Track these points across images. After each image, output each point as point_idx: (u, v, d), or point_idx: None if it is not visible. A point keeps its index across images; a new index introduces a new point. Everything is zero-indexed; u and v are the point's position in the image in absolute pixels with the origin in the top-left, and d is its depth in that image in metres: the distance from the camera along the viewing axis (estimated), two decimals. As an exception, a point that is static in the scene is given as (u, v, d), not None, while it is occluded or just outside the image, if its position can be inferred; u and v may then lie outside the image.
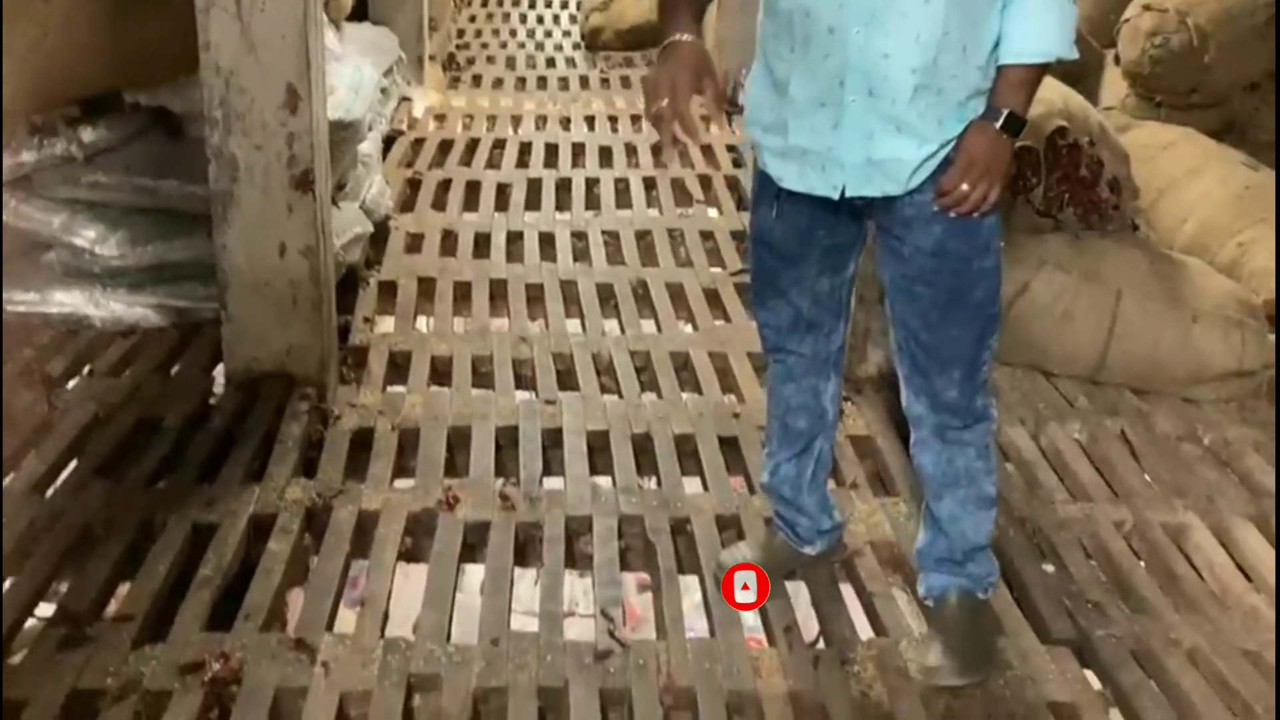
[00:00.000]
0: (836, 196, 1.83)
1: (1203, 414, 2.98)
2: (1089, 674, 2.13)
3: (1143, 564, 2.44)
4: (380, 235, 3.80)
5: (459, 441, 2.73)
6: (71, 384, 2.87)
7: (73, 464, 2.56)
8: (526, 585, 2.43)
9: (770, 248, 2.01)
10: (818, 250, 1.97)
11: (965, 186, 1.78)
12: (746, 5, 5.35)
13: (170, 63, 2.92)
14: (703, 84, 1.73)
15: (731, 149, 5.03)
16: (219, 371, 2.94)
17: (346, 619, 2.27)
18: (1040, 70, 1.80)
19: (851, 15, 1.72)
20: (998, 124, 1.79)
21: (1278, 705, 2.02)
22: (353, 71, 3.51)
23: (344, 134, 3.22)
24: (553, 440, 2.74)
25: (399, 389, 2.99)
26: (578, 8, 7.49)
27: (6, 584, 2.15)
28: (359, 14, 5.05)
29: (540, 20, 7.45)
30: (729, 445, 2.76)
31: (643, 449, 2.74)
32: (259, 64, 2.59)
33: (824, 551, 2.30)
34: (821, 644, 2.20)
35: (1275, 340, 3.03)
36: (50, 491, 2.46)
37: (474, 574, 2.41)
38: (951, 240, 1.83)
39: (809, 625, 2.27)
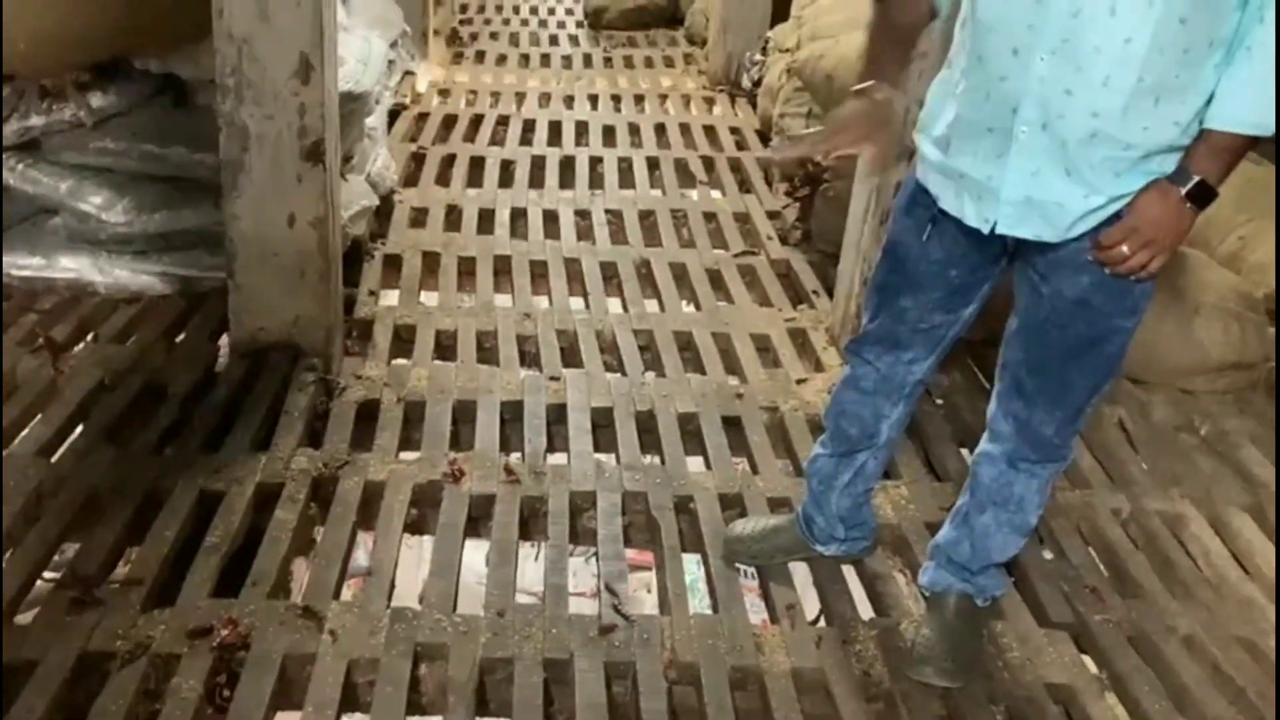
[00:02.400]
0: (986, 230, 1.72)
1: (1200, 405, 3.01)
2: (1086, 658, 2.16)
3: (1140, 551, 2.47)
4: (385, 209, 3.80)
5: (464, 415, 2.74)
6: (77, 349, 2.87)
7: (79, 429, 2.57)
8: (528, 560, 2.45)
9: (900, 263, 1.92)
10: (945, 286, 1.88)
11: (1126, 249, 1.64)
12: (751, -10, 5.38)
13: (181, 29, 2.90)
14: (873, 139, 1.76)
15: (735, 131, 5.03)
16: (225, 340, 2.95)
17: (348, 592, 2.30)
18: (1250, 142, 1.60)
19: (1040, 39, 1.57)
20: (1183, 190, 1.60)
21: (1277, 693, 2.06)
22: (361, 43, 3.49)
23: (352, 106, 3.21)
24: (557, 416, 2.76)
25: (404, 362, 3.00)
26: (582, -15, 7.47)
27: (13, 550, 2.16)
28: (364, -14, 5.03)
29: (544, -2, 7.43)
30: (732, 425, 2.78)
31: (646, 427, 2.75)
32: (272, 32, 2.58)
33: (834, 556, 2.28)
34: (823, 623, 2.23)
35: (1275, 334, 3.05)
36: (56, 456, 2.46)
37: (479, 548, 2.42)
38: (1098, 294, 1.72)
39: (810, 605, 2.29)
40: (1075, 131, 1.60)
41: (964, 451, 2.68)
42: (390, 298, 3.35)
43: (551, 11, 7.12)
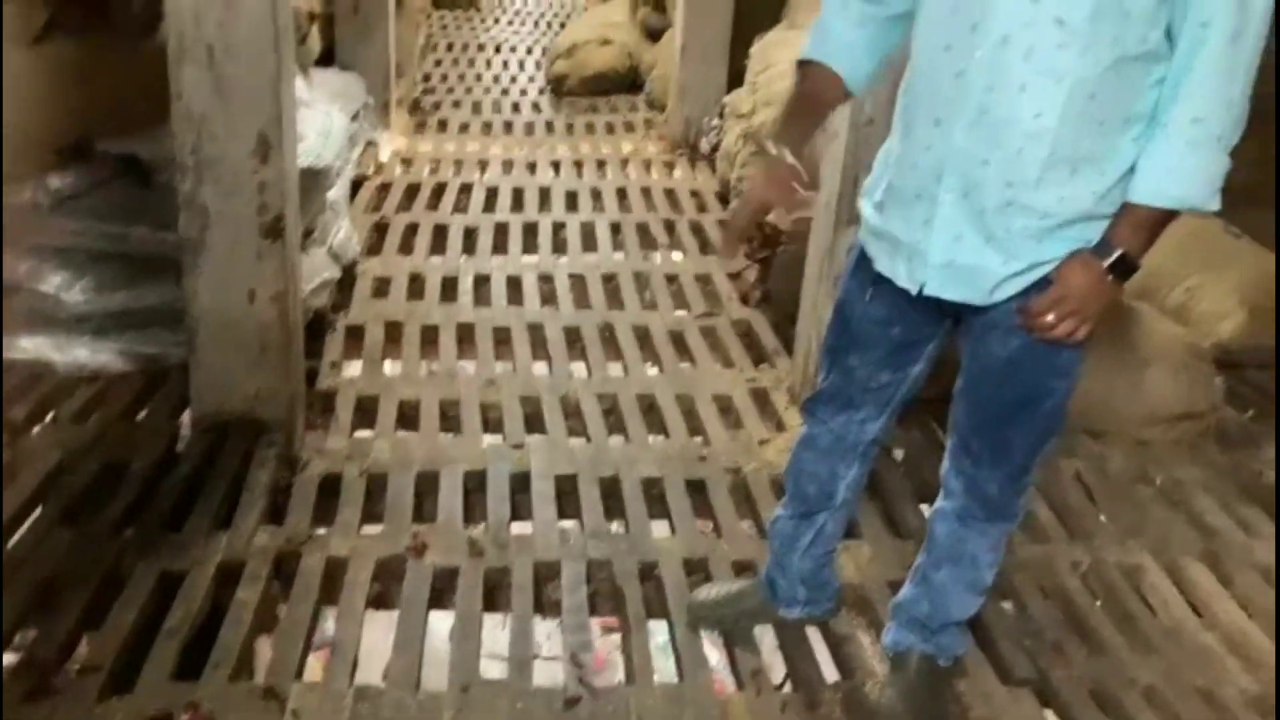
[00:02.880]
0: (915, 292, 1.78)
1: (1155, 455, 3.06)
2: (1049, 713, 2.17)
3: (1099, 604, 2.50)
4: (347, 280, 3.82)
5: (427, 486, 2.75)
6: (35, 430, 2.85)
7: (37, 512, 2.55)
8: (494, 629, 2.44)
9: (847, 322, 1.98)
10: (889, 344, 1.93)
11: (1052, 318, 1.68)
12: (707, 54, 5.50)
13: (141, 111, 2.94)
14: (772, 193, 1.85)
15: (695, 194, 5.10)
16: (186, 417, 2.94)
17: (314, 668, 2.28)
18: (1171, 215, 1.64)
19: (959, 112, 1.64)
20: (1106, 263, 1.65)
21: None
22: (322, 118, 3.54)
23: (313, 181, 3.25)
24: (521, 484, 2.77)
25: (366, 434, 3.01)
26: (543, 54, 7.58)
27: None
28: (326, 59, 5.10)
29: (505, 65, 7.53)
30: (696, 488, 2.80)
31: (610, 493, 2.77)
32: (231, 113, 2.61)
33: (798, 619, 2.30)
34: (789, 688, 2.23)
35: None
36: (14, 540, 2.44)
37: (443, 620, 2.41)
38: (1028, 356, 1.76)
39: (777, 669, 2.30)
40: (992, 200, 1.66)
41: (924, 508, 2.70)
42: (353, 369, 3.36)
43: (513, 79, 7.22)
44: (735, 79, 5.25)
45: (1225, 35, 1.54)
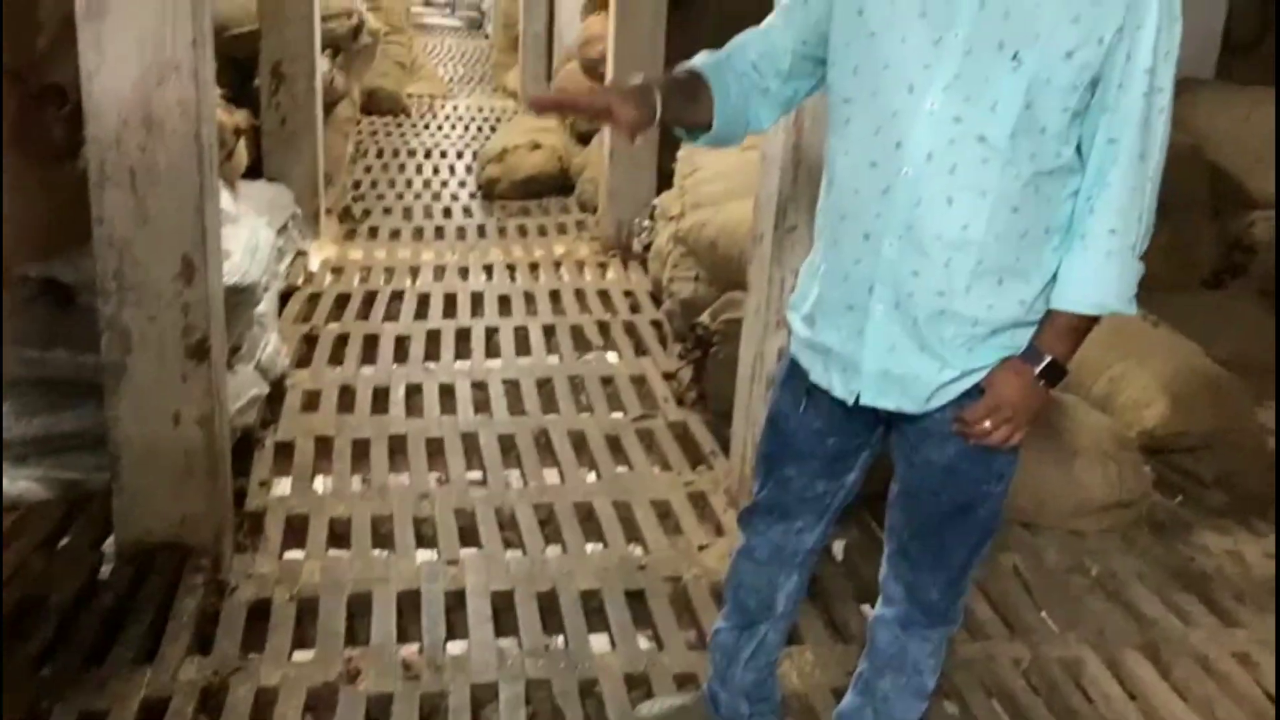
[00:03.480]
0: (851, 402, 1.80)
1: (1089, 545, 3.09)
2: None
3: (1042, 701, 2.49)
4: (277, 394, 3.77)
5: (359, 608, 2.68)
6: (-51, 565, 2.75)
7: (-52, 653, 2.44)
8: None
9: (780, 434, 1.98)
10: (825, 455, 1.94)
11: (988, 425, 1.72)
12: (635, 157, 5.59)
13: (62, 234, 2.90)
14: (619, 109, 1.64)
15: (628, 294, 5.14)
16: (109, 545, 2.85)
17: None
18: (1094, 320, 1.72)
19: (887, 226, 1.69)
20: (1036, 369, 1.71)
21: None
22: (248, 233, 3.52)
23: (240, 298, 3.22)
24: (456, 602, 2.71)
25: (297, 554, 2.94)
26: (474, 158, 7.66)
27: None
28: (254, 171, 5.09)
29: (436, 171, 7.58)
30: (635, 599, 2.76)
31: (548, 607, 2.72)
32: (153, 236, 2.59)
33: None
34: (734, 804, 2.19)
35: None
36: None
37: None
38: (964, 461, 1.79)
39: (721, 784, 2.25)
40: (924, 309, 1.70)
41: (866, 608, 2.70)
42: (282, 486, 3.29)
43: (444, 184, 7.27)
44: (665, 180, 5.34)
45: (1133, 154, 1.63)
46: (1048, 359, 1.71)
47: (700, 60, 1.82)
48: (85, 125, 2.52)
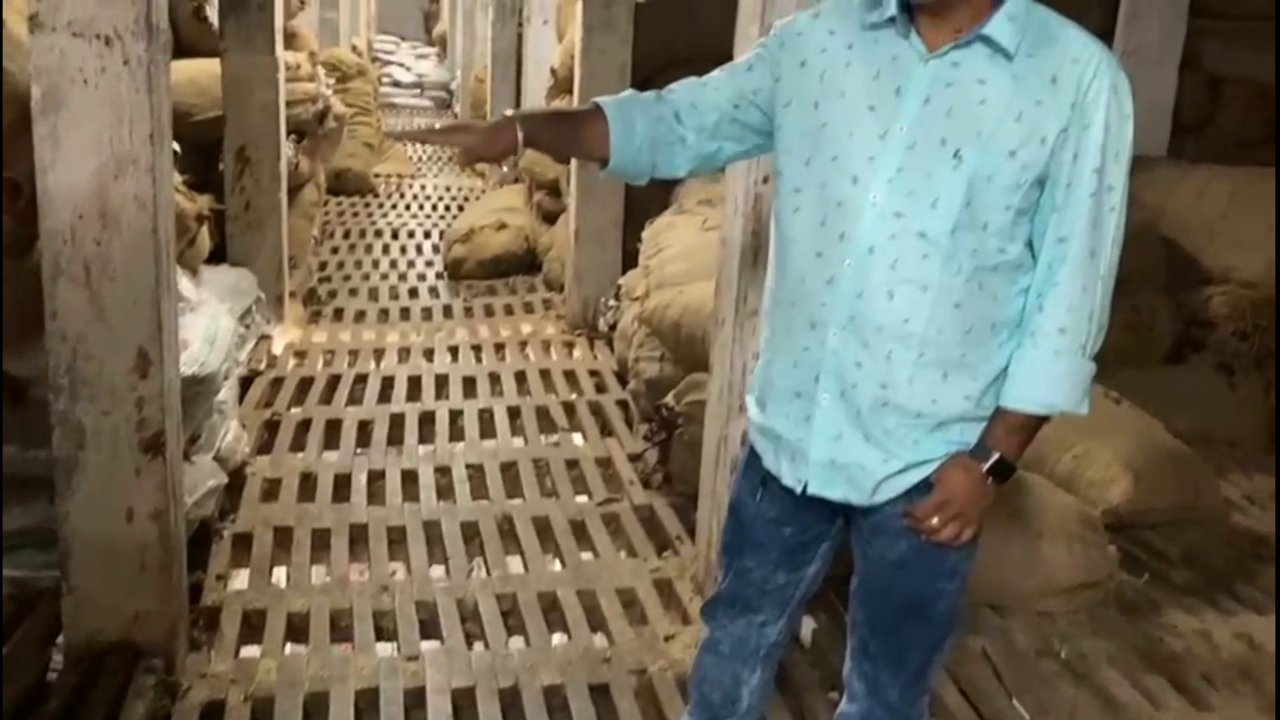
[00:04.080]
0: (799, 491, 1.79)
1: (1058, 627, 3.07)
2: None
3: (1015, 792, 2.46)
4: (236, 483, 3.71)
5: (316, 708, 2.61)
6: (-111, 670, 2.66)
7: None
8: None
9: (739, 523, 1.96)
10: (782, 545, 1.91)
11: (936, 522, 1.71)
12: (601, 238, 5.63)
13: (14, 327, 2.86)
14: (480, 147, 1.77)
15: (594, 373, 5.13)
16: (59, 645, 2.77)
17: None
18: (1043, 419, 1.70)
19: (831, 316, 1.69)
20: (984, 466, 1.69)
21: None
22: (208, 322, 3.49)
23: (198, 388, 3.18)
24: (416, 700, 2.65)
25: (253, 651, 2.86)
26: (440, 237, 7.68)
27: None
28: (218, 255, 5.07)
29: (403, 250, 7.61)
30: (600, 693, 2.71)
31: (511, 703, 2.66)
32: (108, 330, 2.55)
33: None
34: None
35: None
36: None
37: None
38: (916, 558, 1.76)
39: None
40: (867, 400, 1.70)
41: (834, 696, 2.65)
42: (240, 579, 3.22)
43: (411, 264, 7.28)
44: (630, 259, 5.37)
45: (1083, 252, 1.63)
46: (996, 456, 1.69)
47: (610, 98, 1.84)
48: (40, 219, 2.50)
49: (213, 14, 5.07)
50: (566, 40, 6.45)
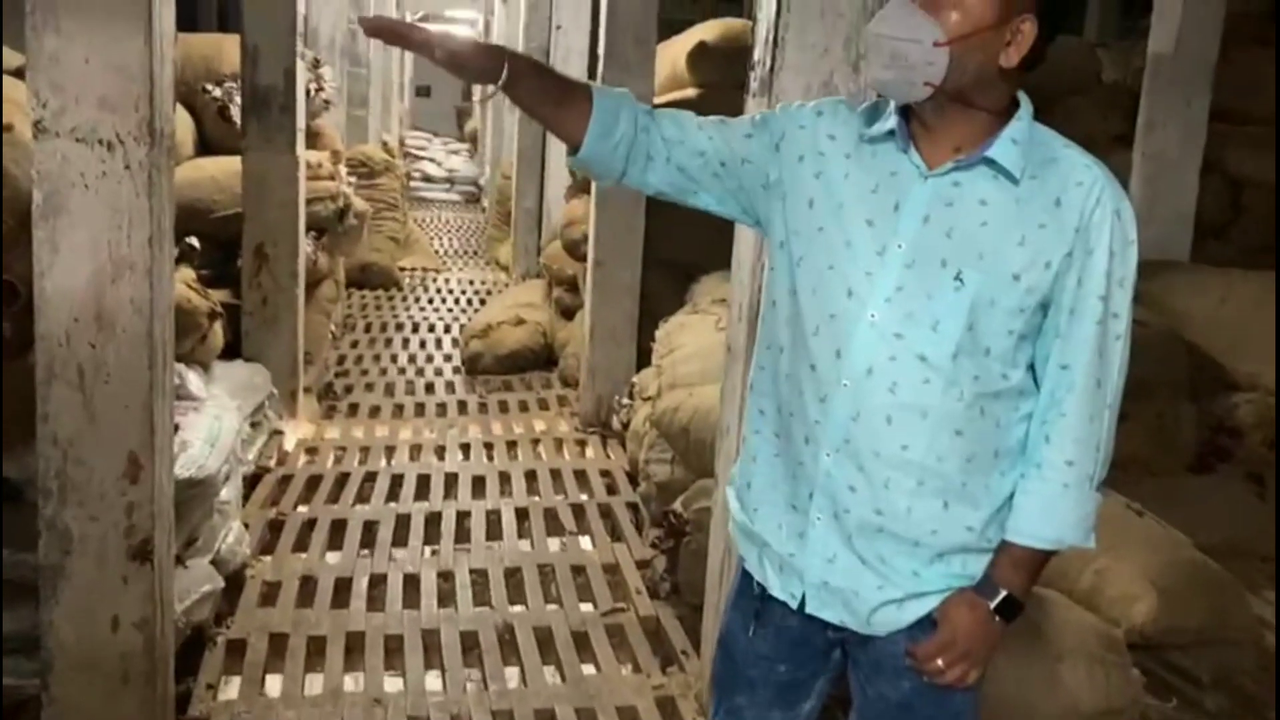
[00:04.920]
0: (794, 605, 1.70)
1: (1080, 756, 2.92)
2: None
3: None
4: (235, 585, 3.64)
5: (298, 833, 2.50)
6: None
7: None
8: None
9: (730, 658, 1.87)
10: (776, 683, 1.82)
11: (941, 663, 1.62)
12: (615, 335, 5.60)
13: (10, 431, 2.84)
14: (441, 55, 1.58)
15: (605, 473, 5.06)
16: (38, 758, 2.69)
17: None
18: (1051, 553, 1.63)
19: (825, 436, 1.62)
20: (991, 604, 1.61)
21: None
22: (210, 423, 3.46)
23: (195, 491, 3.13)
24: (402, 828, 2.54)
25: (238, 769, 2.77)
26: (460, 331, 7.70)
27: None
28: (233, 351, 5.08)
29: (423, 345, 7.61)
30: (594, 823, 2.59)
31: (500, 832, 2.54)
32: (99, 435, 2.52)
33: None
34: None
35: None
36: None
37: None
38: (919, 699, 1.68)
39: None
40: (861, 526, 1.62)
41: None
42: (231, 689, 3.13)
43: (430, 359, 7.28)
44: (644, 357, 5.33)
45: (1089, 381, 1.57)
46: (1003, 594, 1.61)
47: (604, 89, 1.70)
48: (36, 322, 2.49)
49: (237, 113, 5.16)
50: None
